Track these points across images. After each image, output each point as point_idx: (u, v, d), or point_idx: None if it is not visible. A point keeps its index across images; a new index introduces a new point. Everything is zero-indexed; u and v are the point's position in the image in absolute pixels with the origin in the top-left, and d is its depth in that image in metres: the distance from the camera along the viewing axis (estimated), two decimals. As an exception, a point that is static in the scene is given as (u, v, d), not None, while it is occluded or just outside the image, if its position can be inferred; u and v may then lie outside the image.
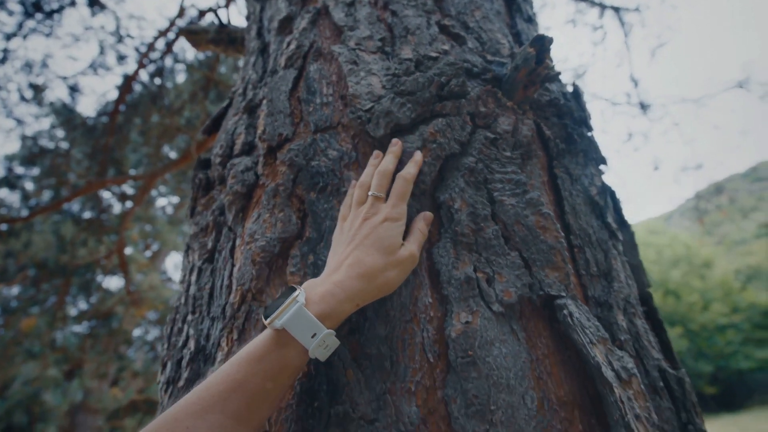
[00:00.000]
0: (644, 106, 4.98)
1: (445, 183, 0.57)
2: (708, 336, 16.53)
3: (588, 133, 0.71)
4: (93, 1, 4.04)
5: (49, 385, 5.92)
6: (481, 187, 0.56)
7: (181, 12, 3.86)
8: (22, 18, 3.95)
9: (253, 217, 0.60)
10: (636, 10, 4.55)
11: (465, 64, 0.67)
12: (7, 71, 4.35)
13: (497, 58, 0.71)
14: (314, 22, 0.79)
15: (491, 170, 0.58)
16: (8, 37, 4.06)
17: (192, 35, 1.64)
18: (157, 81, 4.50)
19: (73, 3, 4.02)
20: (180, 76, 5.28)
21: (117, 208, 5.90)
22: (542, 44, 0.61)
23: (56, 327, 5.66)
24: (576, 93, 0.76)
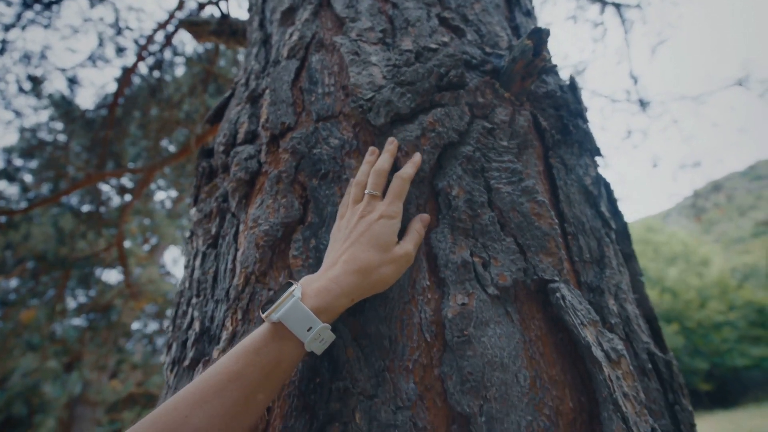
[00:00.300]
0: (644, 103, 4.98)
1: (444, 171, 0.59)
2: (704, 333, 16.64)
3: (583, 125, 0.73)
4: (92, -7, 4.03)
5: (49, 377, 5.95)
6: (479, 175, 0.58)
7: (181, 4, 3.85)
8: (21, 8, 3.93)
9: (257, 203, 0.61)
10: (637, 7, 4.55)
11: (464, 56, 0.68)
12: (6, 62, 4.34)
13: (496, 51, 0.73)
14: (316, 14, 0.80)
15: (488, 159, 0.59)
16: (7, 28, 4.04)
17: (193, 27, 1.64)
18: (156, 74, 4.49)
19: (72, -6, 4.00)
20: (179, 70, 5.26)
21: (116, 202, 5.91)
22: (539, 36, 0.62)
23: (55, 319, 5.68)
24: (572, 85, 0.77)
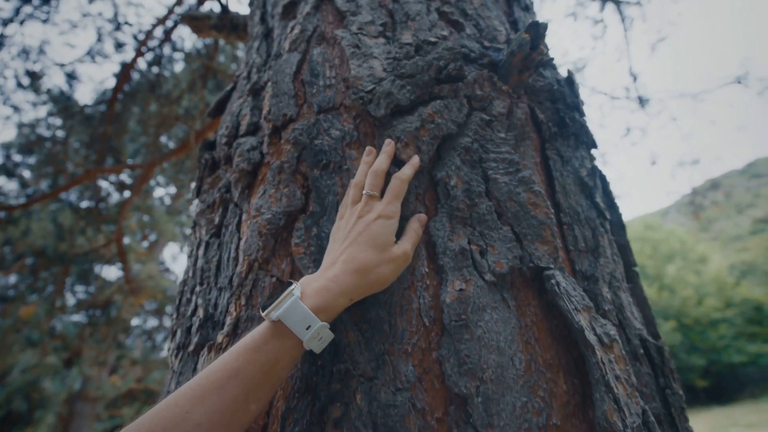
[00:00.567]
0: (643, 101, 4.99)
1: (442, 161, 0.60)
2: (701, 330, 16.74)
3: (580, 118, 0.74)
4: (91, -12, 4.02)
5: (49, 373, 5.97)
6: (476, 166, 0.60)
7: (180, 0, 3.84)
8: (19, 3, 3.92)
9: (259, 193, 0.63)
10: (637, 4, 4.54)
11: (463, 50, 0.70)
12: (4, 57, 4.32)
13: (494, 45, 0.74)
14: (317, 8, 0.81)
15: (486, 150, 0.61)
16: (5, 23, 4.02)
17: (194, 21, 1.65)
18: (156, 70, 4.49)
19: (71, -11, 4.00)
20: (178, 65, 5.26)
21: (115, 198, 5.91)
22: (537, 30, 0.63)
23: (55, 315, 5.69)
24: (570, 79, 0.79)
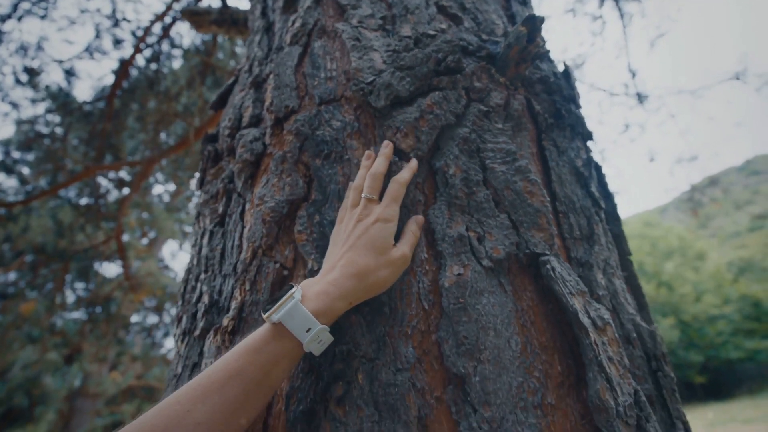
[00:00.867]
0: (641, 97, 4.99)
1: (441, 151, 0.62)
2: (699, 327, 16.83)
3: (576, 110, 0.76)
4: (89, -16, 4.01)
5: (49, 369, 5.99)
6: (474, 155, 0.61)
7: (179, -5, 3.84)
8: (18, -1, 3.91)
9: (262, 183, 0.64)
10: (636, 0, 4.55)
11: (461, 42, 0.71)
12: (2, 53, 4.31)
13: (492, 38, 0.75)
14: (318, 1, 0.82)
15: (484, 140, 0.62)
16: (3, 19, 4.02)
17: (194, 16, 1.66)
18: (154, 66, 4.48)
19: (69, -15, 3.99)
20: (177, 62, 5.24)
21: (114, 195, 5.91)
22: (534, 23, 0.65)
23: (55, 312, 5.71)
24: (566, 72, 0.80)
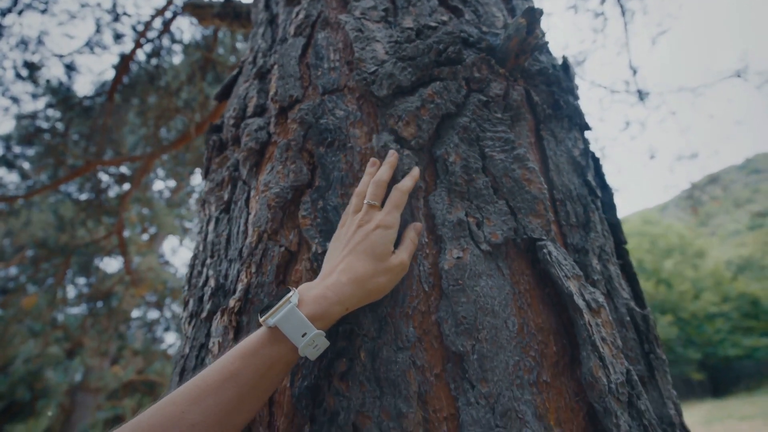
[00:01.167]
0: (642, 95, 4.99)
1: (442, 139, 0.63)
2: (698, 324, 16.89)
3: (574, 101, 0.77)
4: (90, -22, 4.00)
5: (51, 363, 6.03)
6: (474, 144, 0.63)
7: (179, -10, 3.83)
8: (18, -7, 3.90)
9: (267, 170, 0.66)
10: (637, -4, 4.54)
11: (462, 34, 0.72)
12: (3, 48, 4.31)
13: (492, 30, 0.77)
14: (321, -6, 0.83)
15: (483, 129, 0.64)
16: (3, 13, 4.01)
17: (197, 10, 1.67)
18: (155, 61, 4.48)
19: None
20: (177, 57, 5.24)
21: (115, 190, 5.92)
22: (533, 15, 0.66)
23: (56, 306, 5.73)
24: (565, 65, 0.82)
